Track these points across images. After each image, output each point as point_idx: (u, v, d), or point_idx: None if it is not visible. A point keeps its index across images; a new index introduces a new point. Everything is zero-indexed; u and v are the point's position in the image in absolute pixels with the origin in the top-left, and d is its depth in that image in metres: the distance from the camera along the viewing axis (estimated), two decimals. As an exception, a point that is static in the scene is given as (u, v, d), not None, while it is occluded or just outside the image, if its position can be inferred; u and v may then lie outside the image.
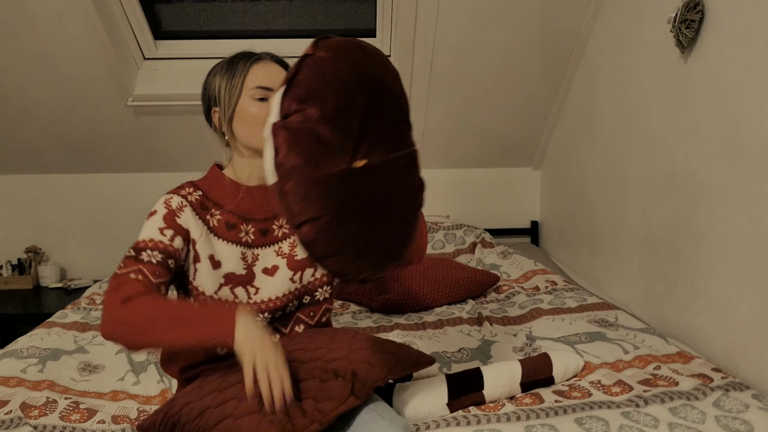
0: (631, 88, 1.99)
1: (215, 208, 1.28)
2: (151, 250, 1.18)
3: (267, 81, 1.24)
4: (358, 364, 1.11)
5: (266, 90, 1.24)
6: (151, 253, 1.17)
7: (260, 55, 1.29)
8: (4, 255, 2.85)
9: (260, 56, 1.29)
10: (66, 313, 1.97)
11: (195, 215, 1.25)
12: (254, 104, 1.24)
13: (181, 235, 1.21)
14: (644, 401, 1.27)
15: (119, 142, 2.66)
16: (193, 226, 1.24)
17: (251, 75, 1.25)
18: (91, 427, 1.25)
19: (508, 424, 1.18)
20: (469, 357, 1.56)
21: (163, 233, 1.20)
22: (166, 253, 1.19)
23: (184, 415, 1.07)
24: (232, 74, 1.27)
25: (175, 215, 1.22)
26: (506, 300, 2.04)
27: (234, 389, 1.07)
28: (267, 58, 1.29)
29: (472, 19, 2.26)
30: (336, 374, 1.09)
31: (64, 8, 2.15)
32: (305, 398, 1.05)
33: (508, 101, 2.59)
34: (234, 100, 1.26)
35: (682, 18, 1.61)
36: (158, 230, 1.20)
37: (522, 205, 2.98)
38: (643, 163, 1.91)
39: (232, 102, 1.26)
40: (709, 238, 1.57)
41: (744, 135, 1.44)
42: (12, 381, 1.45)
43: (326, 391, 1.06)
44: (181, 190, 1.28)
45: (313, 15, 2.48)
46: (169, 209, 1.22)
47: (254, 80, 1.25)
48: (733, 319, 1.48)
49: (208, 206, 1.28)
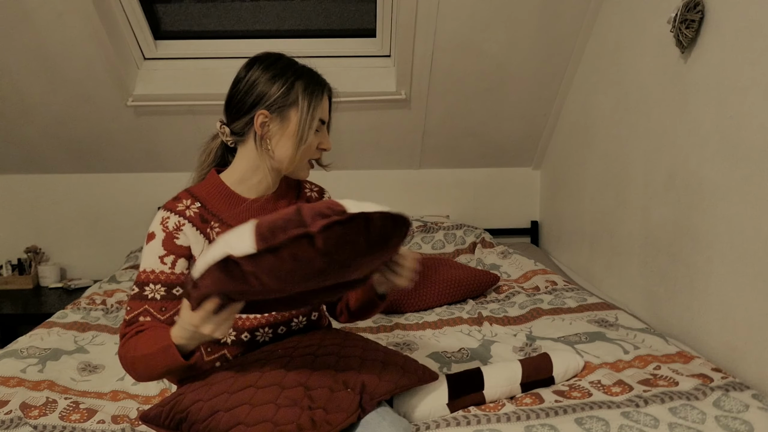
0: (631, 88, 1.99)
1: (214, 220, 1.23)
2: (154, 284, 1.17)
3: (326, 116, 1.27)
4: (367, 375, 1.12)
5: (322, 123, 1.26)
6: (154, 287, 1.17)
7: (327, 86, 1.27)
8: (4, 255, 2.85)
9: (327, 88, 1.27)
10: (66, 313, 1.97)
11: (195, 230, 1.21)
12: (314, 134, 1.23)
13: (183, 257, 1.19)
14: (644, 401, 1.27)
15: (119, 142, 2.66)
16: (194, 242, 1.20)
17: (322, 106, 1.24)
18: (91, 427, 1.25)
19: (508, 424, 1.18)
20: (469, 357, 1.56)
21: (163, 261, 1.18)
22: (169, 285, 1.18)
23: (193, 413, 1.06)
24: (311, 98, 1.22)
25: (174, 237, 1.19)
26: (506, 300, 2.04)
27: (246, 393, 1.06)
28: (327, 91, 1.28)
29: (472, 19, 2.26)
30: (346, 385, 1.10)
31: (64, 8, 2.15)
32: (315, 407, 1.05)
33: (508, 101, 2.59)
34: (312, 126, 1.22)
35: (682, 18, 1.61)
36: (158, 259, 1.18)
37: (522, 205, 2.98)
38: (643, 163, 1.91)
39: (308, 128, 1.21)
40: (709, 238, 1.57)
41: (744, 135, 1.44)
42: (12, 381, 1.45)
43: (336, 401, 1.06)
44: (178, 203, 1.22)
45: (313, 15, 2.48)
46: (166, 232, 1.19)
47: (322, 113, 1.24)
48: (733, 319, 1.48)
49: (208, 219, 1.23)
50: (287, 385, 1.08)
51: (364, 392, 1.10)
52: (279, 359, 1.15)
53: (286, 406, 1.03)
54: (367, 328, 1.83)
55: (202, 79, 2.46)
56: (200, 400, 1.08)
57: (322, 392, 1.07)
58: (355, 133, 2.69)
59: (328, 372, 1.11)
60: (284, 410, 1.03)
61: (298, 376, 1.10)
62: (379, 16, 2.41)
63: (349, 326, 1.86)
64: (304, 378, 1.09)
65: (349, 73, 2.51)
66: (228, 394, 1.07)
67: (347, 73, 2.50)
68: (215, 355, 1.24)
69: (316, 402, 1.05)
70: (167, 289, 1.17)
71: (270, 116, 1.19)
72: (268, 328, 1.26)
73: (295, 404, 1.04)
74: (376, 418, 1.09)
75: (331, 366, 1.13)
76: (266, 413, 1.02)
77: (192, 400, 1.08)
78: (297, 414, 1.02)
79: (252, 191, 1.27)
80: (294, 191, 1.36)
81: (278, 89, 1.19)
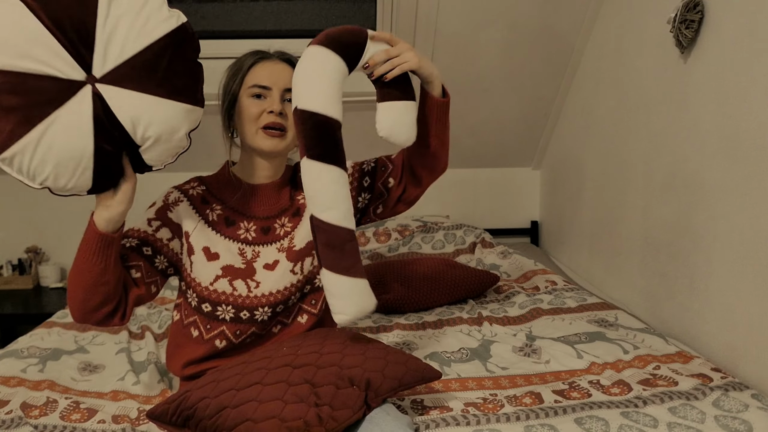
0: (631, 88, 1.99)
1: (217, 203, 1.31)
2: (132, 238, 1.24)
3: (265, 80, 1.26)
4: (372, 373, 1.13)
5: (263, 89, 1.26)
6: (129, 240, 1.24)
7: (266, 54, 1.30)
8: (4, 255, 2.85)
9: (265, 55, 1.30)
10: (66, 313, 1.97)
11: (192, 209, 1.29)
12: (249, 101, 1.26)
13: (168, 228, 1.27)
14: (644, 401, 1.27)
15: (119, 142, 2.66)
16: (187, 220, 1.28)
17: (252, 73, 1.27)
18: (91, 426, 1.26)
19: (508, 424, 1.18)
20: (469, 357, 1.56)
21: (150, 223, 1.26)
22: (142, 240, 1.24)
23: (201, 410, 1.06)
24: (234, 71, 1.30)
25: (168, 209, 1.28)
26: (506, 300, 2.04)
27: (253, 390, 1.07)
28: (274, 57, 1.30)
29: (472, 19, 2.26)
30: (351, 382, 1.10)
31: (64, 8, 2.14)
32: (322, 404, 1.05)
33: (508, 101, 2.59)
34: (230, 96, 1.29)
35: (681, 18, 1.61)
36: (147, 221, 1.27)
37: (522, 205, 2.98)
38: (643, 163, 1.91)
39: (227, 98, 1.29)
40: (709, 238, 1.57)
41: (744, 135, 1.44)
42: (12, 381, 1.45)
43: (342, 398, 1.07)
44: (186, 184, 1.34)
45: (313, 15, 2.48)
46: (165, 203, 1.29)
47: (253, 78, 1.27)
48: (733, 319, 1.48)
49: (210, 200, 1.31)
50: (293, 381, 1.09)
51: (369, 389, 1.11)
52: (284, 357, 1.16)
53: (293, 402, 1.04)
54: (367, 328, 1.84)
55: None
56: (207, 397, 1.09)
57: (328, 389, 1.08)
58: (355, 133, 2.68)
59: (333, 369, 1.12)
60: (291, 406, 1.03)
61: (303, 373, 1.10)
62: (379, 16, 2.41)
63: (350, 327, 1.86)
64: (310, 375, 1.10)
65: (349, 73, 2.51)
66: (235, 390, 1.08)
67: (347, 73, 2.51)
68: (214, 332, 1.28)
69: (322, 399, 1.06)
70: (138, 244, 1.24)
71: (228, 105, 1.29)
72: (267, 308, 1.29)
73: (302, 401, 1.05)
74: (380, 413, 1.10)
75: (336, 363, 1.14)
76: (273, 409, 1.03)
77: (199, 397, 1.09)
78: (304, 410, 1.03)
79: (253, 177, 1.33)
80: (298, 178, 1.39)
81: (225, 79, 1.30)
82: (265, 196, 1.33)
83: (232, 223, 1.30)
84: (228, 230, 1.29)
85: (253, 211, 1.32)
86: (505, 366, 1.50)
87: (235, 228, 1.30)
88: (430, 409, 1.25)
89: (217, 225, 1.29)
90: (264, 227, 1.32)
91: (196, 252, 1.27)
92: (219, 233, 1.29)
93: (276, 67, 1.28)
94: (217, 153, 1.37)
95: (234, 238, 1.29)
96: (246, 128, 1.27)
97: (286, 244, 1.32)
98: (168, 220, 1.27)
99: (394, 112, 1.20)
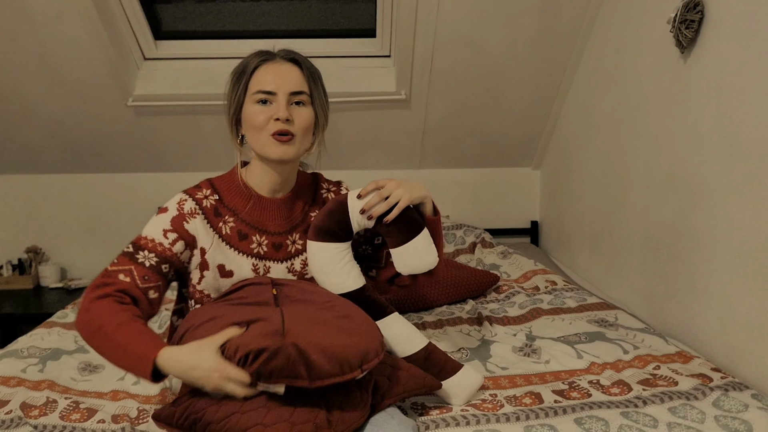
0: (631, 88, 1.99)
1: (229, 215, 1.27)
2: (149, 252, 1.19)
3: (270, 85, 1.22)
4: (377, 377, 1.13)
5: (268, 94, 1.22)
6: (147, 255, 1.19)
7: (270, 55, 1.26)
8: (4, 255, 2.85)
9: (268, 57, 1.26)
10: (66, 313, 1.98)
11: (206, 223, 1.25)
12: (254, 108, 1.23)
13: (184, 240, 1.22)
14: (643, 401, 1.27)
15: (119, 142, 2.66)
16: (202, 235, 1.24)
17: (256, 77, 1.24)
18: (91, 426, 1.26)
19: (507, 424, 1.18)
20: (469, 357, 1.56)
21: (165, 236, 1.21)
22: (162, 258, 1.20)
23: (209, 414, 1.05)
24: (238, 75, 1.26)
25: (185, 220, 1.23)
26: (506, 300, 2.04)
27: (261, 397, 1.06)
28: (278, 58, 1.26)
29: (471, 19, 2.26)
30: (358, 386, 1.10)
31: (64, 8, 2.15)
32: (332, 408, 1.05)
33: (508, 101, 2.59)
34: (237, 103, 1.25)
35: (681, 18, 1.61)
36: (162, 232, 1.21)
37: (522, 205, 2.98)
38: (643, 163, 1.91)
39: (232, 105, 1.26)
40: (708, 238, 1.57)
41: (743, 135, 1.44)
42: (12, 381, 1.45)
43: (350, 401, 1.07)
44: (198, 191, 1.28)
45: (312, 15, 2.48)
46: (180, 212, 1.23)
47: (257, 84, 1.23)
48: (733, 319, 1.48)
49: (222, 212, 1.27)
50: None
51: (376, 393, 1.11)
52: None
53: (302, 406, 1.04)
54: (367, 328, 1.84)
55: (202, 79, 2.46)
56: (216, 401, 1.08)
57: (337, 392, 1.08)
58: (355, 133, 2.69)
59: None
60: (300, 410, 1.03)
61: None
62: (379, 16, 2.41)
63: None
64: None
65: (349, 73, 2.51)
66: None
67: (347, 73, 2.50)
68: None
69: (331, 402, 1.06)
70: (158, 261, 1.20)
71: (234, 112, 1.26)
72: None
73: (311, 404, 1.05)
74: (384, 416, 1.10)
75: None
76: (283, 413, 1.03)
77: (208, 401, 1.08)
78: (313, 414, 1.03)
79: (263, 187, 1.30)
80: (311, 191, 1.38)
81: (229, 84, 1.27)
82: (277, 210, 1.31)
83: (244, 237, 1.28)
84: (241, 244, 1.28)
85: (265, 226, 1.30)
86: (504, 366, 1.50)
87: (247, 242, 1.28)
88: (430, 410, 1.25)
89: (231, 239, 1.27)
90: (275, 243, 1.30)
91: (211, 269, 1.25)
92: (233, 248, 1.27)
93: (281, 68, 1.24)
94: (218, 153, 1.37)
95: (247, 252, 1.28)
96: (254, 136, 1.23)
97: (297, 267, 1.31)
98: (184, 231, 1.23)
99: (407, 254, 1.24)
